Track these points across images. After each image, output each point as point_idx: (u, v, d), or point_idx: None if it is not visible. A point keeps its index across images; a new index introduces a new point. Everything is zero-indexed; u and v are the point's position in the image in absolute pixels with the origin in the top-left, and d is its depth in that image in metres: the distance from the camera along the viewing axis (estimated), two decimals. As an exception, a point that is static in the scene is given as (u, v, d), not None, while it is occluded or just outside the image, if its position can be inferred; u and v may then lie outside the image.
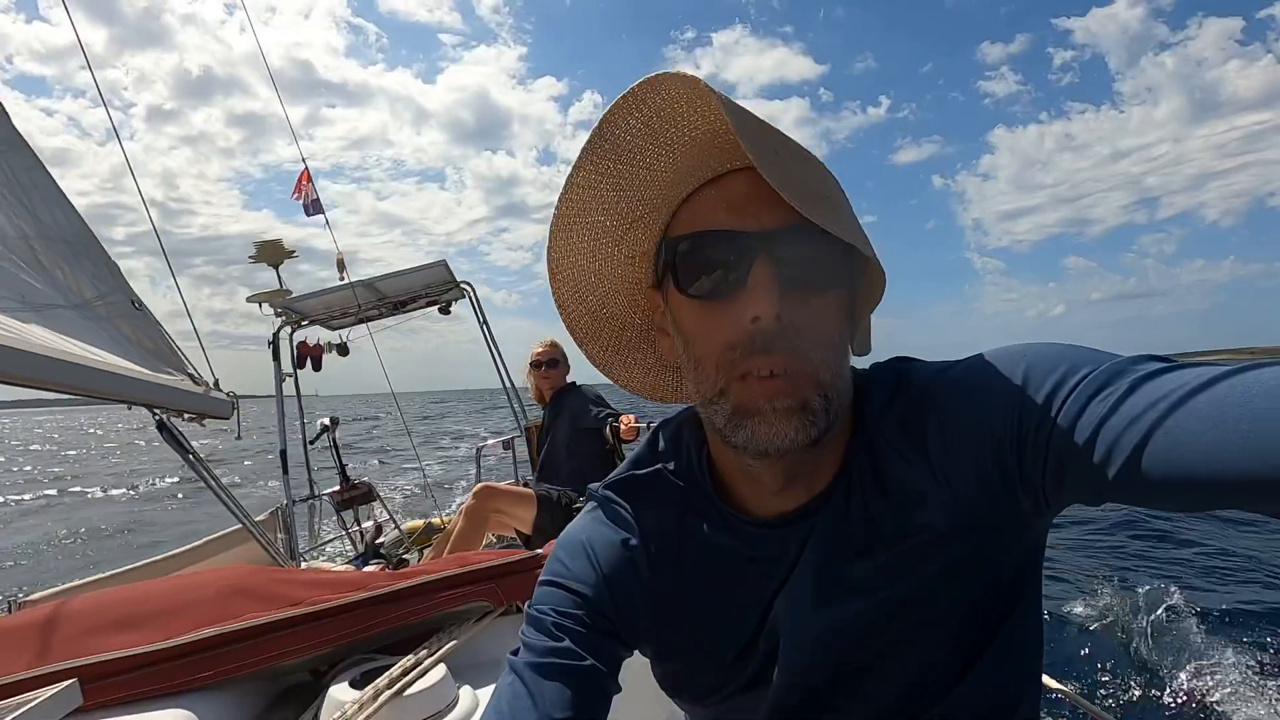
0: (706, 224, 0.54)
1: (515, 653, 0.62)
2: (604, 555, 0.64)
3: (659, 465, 0.66)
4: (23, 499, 14.72)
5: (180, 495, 13.85)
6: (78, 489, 16.24)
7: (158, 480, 17.02)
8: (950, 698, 0.58)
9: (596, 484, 0.69)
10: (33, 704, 0.80)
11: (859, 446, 0.58)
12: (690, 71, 0.47)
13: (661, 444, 0.68)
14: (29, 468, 23.90)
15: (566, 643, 0.59)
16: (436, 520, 4.69)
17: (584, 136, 0.53)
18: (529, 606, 0.64)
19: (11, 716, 0.78)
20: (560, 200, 0.56)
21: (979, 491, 0.52)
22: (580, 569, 0.64)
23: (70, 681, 0.87)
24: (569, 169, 0.55)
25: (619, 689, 0.62)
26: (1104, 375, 0.45)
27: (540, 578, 0.66)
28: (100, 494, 15.24)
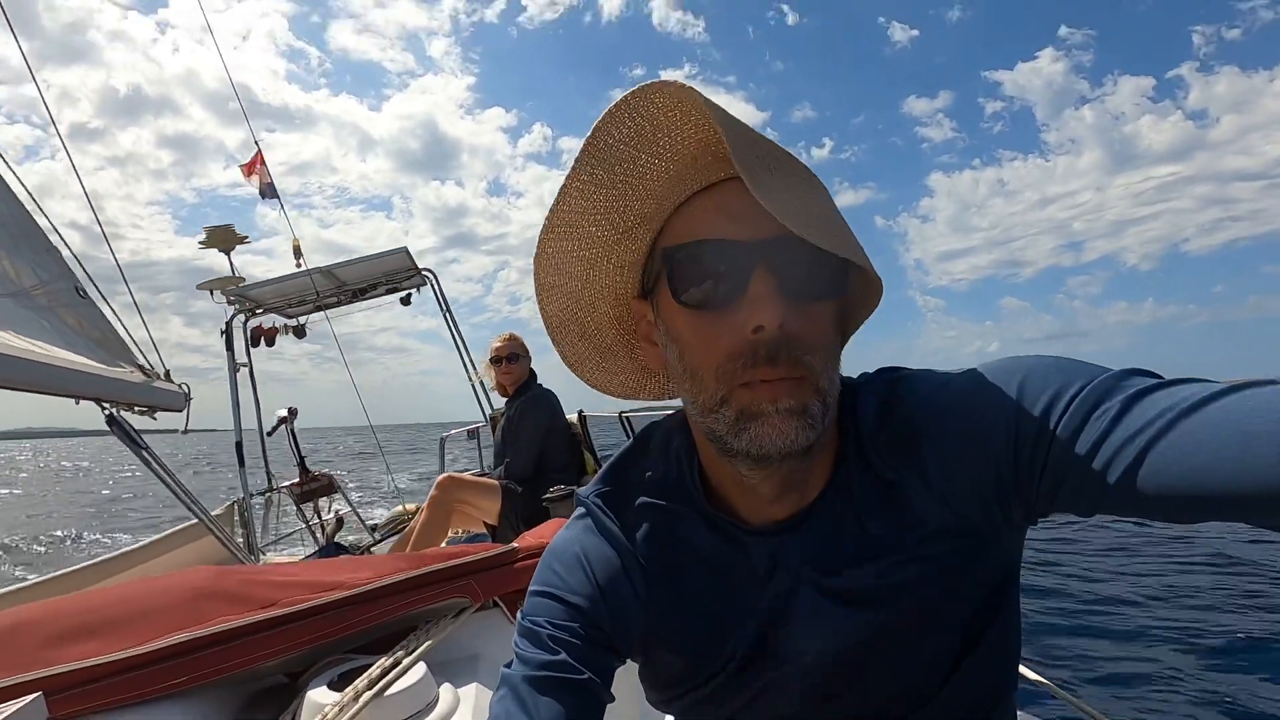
0: (704, 233, 0.53)
1: (509, 665, 0.61)
2: (599, 566, 0.63)
3: (648, 472, 0.65)
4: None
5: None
6: None
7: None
8: (938, 697, 0.59)
9: (586, 489, 0.68)
10: (-4, 721, 0.77)
11: (851, 457, 0.58)
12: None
13: (650, 450, 0.67)
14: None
15: (562, 655, 0.59)
16: (412, 507, 4.62)
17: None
18: (522, 617, 0.63)
19: None
20: (553, 208, 0.55)
21: (974, 508, 0.54)
22: (575, 580, 0.63)
23: (35, 695, 0.83)
24: (552, 195, 0.53)
25: (613, 699, 0.62)
26: (1098, 391, 0.47)
27: (532, 587, 0.65)
28: None
